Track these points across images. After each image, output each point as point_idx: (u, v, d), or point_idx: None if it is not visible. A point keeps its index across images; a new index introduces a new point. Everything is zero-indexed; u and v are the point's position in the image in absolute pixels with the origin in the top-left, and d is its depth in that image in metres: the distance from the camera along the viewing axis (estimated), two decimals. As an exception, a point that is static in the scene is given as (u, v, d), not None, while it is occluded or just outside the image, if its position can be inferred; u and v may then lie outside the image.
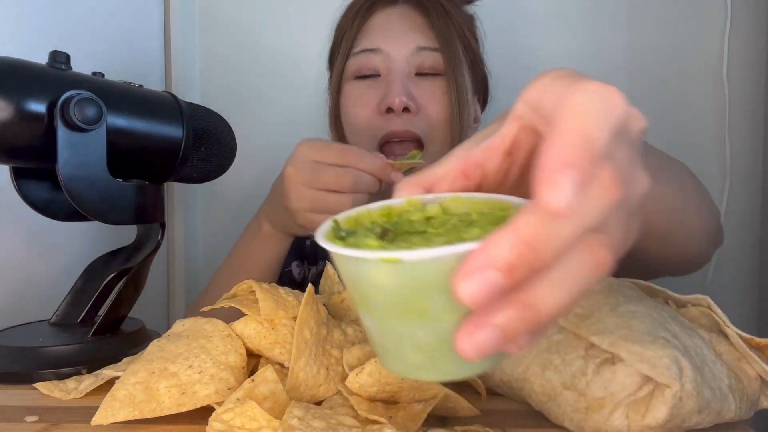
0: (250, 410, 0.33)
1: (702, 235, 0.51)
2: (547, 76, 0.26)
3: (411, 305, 0.24)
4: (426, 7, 0.76)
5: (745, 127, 1.05)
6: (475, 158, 0.29)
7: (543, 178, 0.21)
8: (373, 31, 0.77)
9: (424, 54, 0.74)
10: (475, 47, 0.81)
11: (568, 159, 0.21)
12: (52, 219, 0.56)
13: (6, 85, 0.46)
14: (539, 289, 0.22)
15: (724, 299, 1.05)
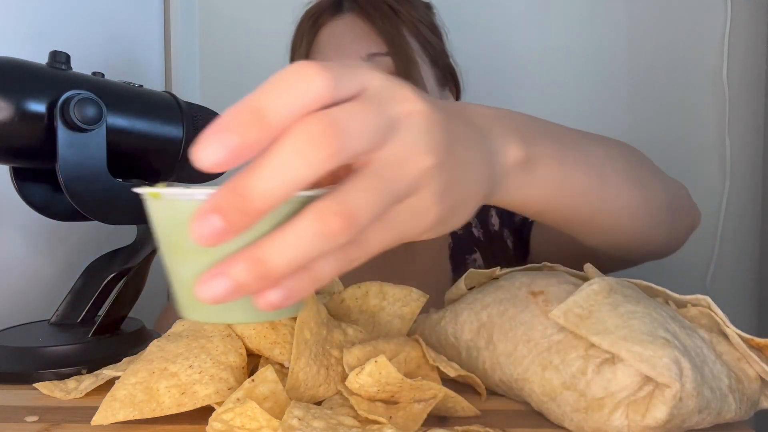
0: (250, 410, 0.33)
1: (643, 217, 0.47)
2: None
3: (173, 241, 0.28)
4: (370, 13, 0.74)
5: (745, 127, 1.05)
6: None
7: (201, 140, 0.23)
8: (321, 47, 0.76)
9: (375, 60, 0.73)
10: (434, 40, 0.79)
11: (221, 124, 0.23)
12: (52, 219, 0.56)
13: (6, 85, 0.46)
14: (267, 247, 0.24)
15: (724, 299, 1.05)
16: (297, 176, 0.23)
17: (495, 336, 0.43)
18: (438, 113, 0.28)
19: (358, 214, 0.25)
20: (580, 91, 1.07)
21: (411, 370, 0.42)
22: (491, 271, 0.49)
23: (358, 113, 0.25)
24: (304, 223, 0.24)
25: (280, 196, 0.24)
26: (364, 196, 0.25)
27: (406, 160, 0.27)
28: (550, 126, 0.41)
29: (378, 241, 0.27)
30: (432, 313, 0.50)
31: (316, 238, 0.24)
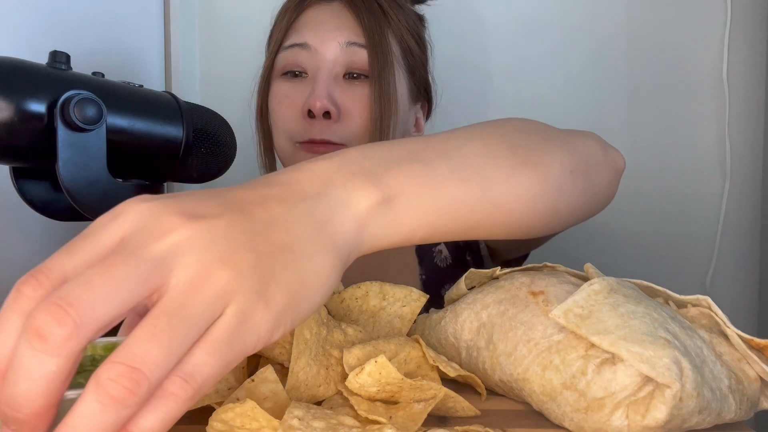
0: (250, 410, 0.33)
1: (544, 196, 0.43)
2: None
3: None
4: (358, 6, 0.74)
5: (745, 127, 1.05)
6: None
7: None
8: (303, 25, 0.75)
9: (352, 50, 0.72)
10: (417, 52, 0.79)
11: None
12: (52, 219, 0.56)
13: (6, 85, 0.46)
14: None
15: (724, 299, 1.05)
16: (44, 374, 0.22)
17: (495, 336, 0.43)
18: (215, 224, 0.27)
19: (145, 365, 0.23)
20: (579, 92, 1.07)
21: (411, 370, 0.42)
22: (491, 271, 0.49)
23: (93, 276, 0.24)
24: (85, 403, 0.22)
25: (41, 401, 0.23)
26: (148, 343, 0.23)
27: (197, 285, 0.25)
28: (409, 145, 0.38)
29: (211, 368, 0.25)
30: (432, 313, 0.50)
31: (104, 410, 0.22)
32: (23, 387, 0.22)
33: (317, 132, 0.72)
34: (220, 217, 0.27)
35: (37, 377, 0.22)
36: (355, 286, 0.49)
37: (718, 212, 1.05)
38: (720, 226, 1.05)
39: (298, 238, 0.29)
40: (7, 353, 0.23)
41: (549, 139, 0.47)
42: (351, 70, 0.74)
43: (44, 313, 0.23)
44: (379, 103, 0.71)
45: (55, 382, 0.23)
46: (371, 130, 0.72)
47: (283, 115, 0.75)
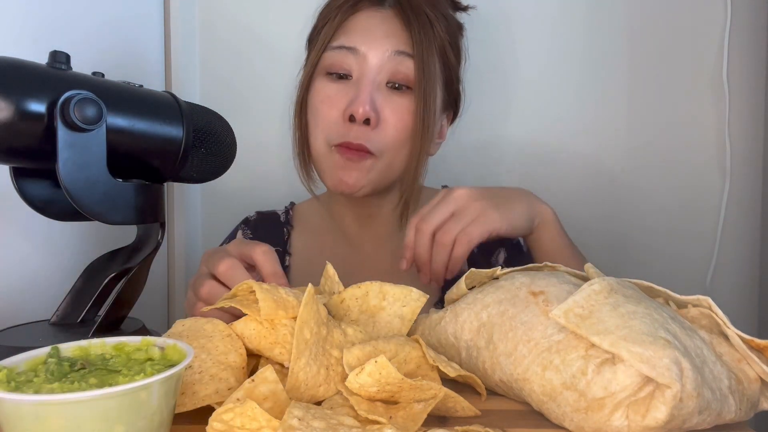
0: (250, 410, 0.33)
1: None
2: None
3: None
4: (409, 18, 0.75)
5: (745, 127, 1.05)
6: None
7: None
8: (353, 29, 0.76)
9: (399, 59, 0.74)
10: (453, 64, 0.81)
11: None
12: (52, 219, 0.56)
13: (6, 85, 0.46)
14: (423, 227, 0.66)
15: (724, 299, 1.05)
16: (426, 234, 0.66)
17: (495, 336, 0.43)
18: (475, 191, 0.67)
19: (450, 231, 0.64)
20: (579, 92, 1.07)
21: (411, 370, 0.42)
22: (492, 271, 0.49)
23: (436, 212, 0.67)
24: (437, 245, 0.65)
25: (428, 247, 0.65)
26: (452, 224, 0.65)
27: (469, 205, 0.65)
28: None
29: (475, 228, 0.64)
30: (432, 313, 0.50)
31: (445, 247, 0.65)
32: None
33: (354, 136, 0.73)
34: (482, 195, 0.67)
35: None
36: (355, 286, 0.49)
37: (718, 212, 1.05)
38: (720, 226, 1.05)
39: (510, 197, 0.69)
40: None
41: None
42: (395, 80, 0.75)
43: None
44: (421, 118, 0.74)
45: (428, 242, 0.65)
46: (407, 141, 0.74)
47: (323, 114, 0.76)
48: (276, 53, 1.08)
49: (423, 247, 0.64)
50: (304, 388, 0.39)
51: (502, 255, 0.85)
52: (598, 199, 1.08)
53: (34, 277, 0.74)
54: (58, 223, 0.57)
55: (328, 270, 0.51)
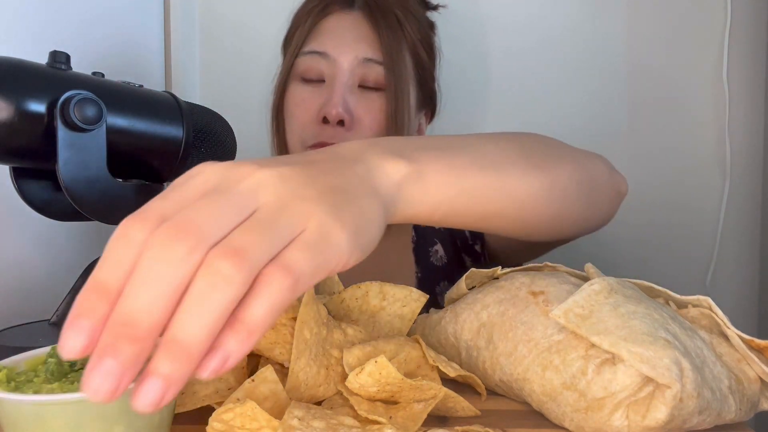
0: (250, 410, 0.33)
1: (551, 200, 0.47)
2: None
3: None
4: (377, 20, 0.76)
5: (745, 127, 1.05)
6: None
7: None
8: (323, 33, 0.77)
9: (368, 66, 0.75)
10: (427, 63, 0.81)
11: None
12: (52, 219, 0.56)
13: (6, 85, 0.46)
14: (174, 329, 0.24)
15: (724, 299, 1.05)
16: (170, 282, 0.24)
17: (495, 336, 0.43)
18: (283, 169, 0.30)
19: (245, 249, 0.25)
20: (579, 92, 1.07)
21: (411, 370, 0.42)
22: (492, 271, 0.49)
23: (203, 206, 0.26)
24: (194, 286, 0.24)
25: (161, 314, 0.24)
26: (246, 235, 0.26)
27: (281, 207, 0.28)
28: (435, 139, 0.43)
29: (304, 263, 0.27)
30: (432, 313, 0.50)
31: (213, 288, 0.24)
32: (145, 297, 0.23)
33: (328, 136, 0.74)
34: (285, 166, 0.30)
35: (161, 285, 0.24)
36: (355, 286, 0.49)
37: (718, 212, 1.05)
38: (720, 226, 1.05)
39: (350, 183, 0.33)
40: (122, 276, 0.24)
41: (560, 152, 0.51)
42: (366, 82, 0.76)
43: (169, 229, 0.25)
44: (393, 118, 0.75)
45: (175, 296, 0.24)
46: None
47: (298, 118, 0.77)
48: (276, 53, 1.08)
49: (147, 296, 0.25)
50: (304, 388, 0.39)
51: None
52: (598, 199, 1.08)
53: (34, 277, 0.74)
54: (58, 223, 0.57)
55: None
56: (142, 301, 0.24)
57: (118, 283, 0.24)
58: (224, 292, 0.24)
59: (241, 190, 0.28)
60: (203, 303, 0.24)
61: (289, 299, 0.26)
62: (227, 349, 0.25)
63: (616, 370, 0.35)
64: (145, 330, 0.24)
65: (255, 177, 0.29)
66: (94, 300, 0.24)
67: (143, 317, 0.23)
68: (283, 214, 0.27)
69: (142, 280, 0.24)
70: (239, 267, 0.24)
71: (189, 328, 0.24)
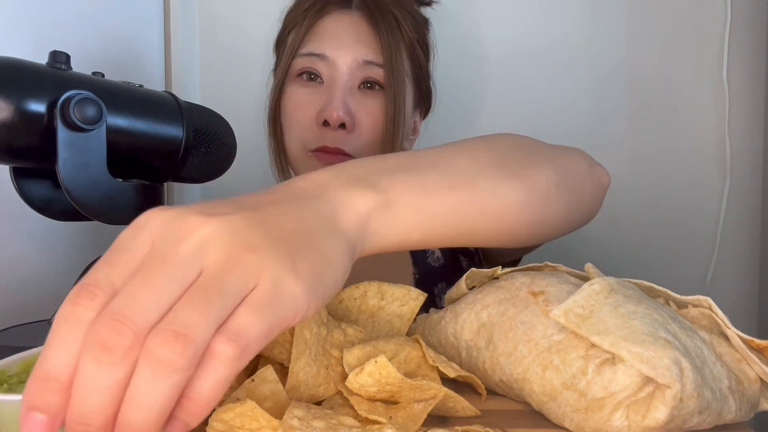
0: (250, 410, 0.33)
1: (530, 206, 0.46)
2: None
3: None
4: (376, 19, 0.75)
5: (745, 127, 1.05)
6: None
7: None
8: (321, 34, 0.76)
9: (368, 68, 0.75)
10: (423, 61, 0.81)
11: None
12: (52, 219, 0.56)
13: (6, 85, 0.46)
14: (120, 425, 0.25)
15: (724, 299, 1.05)
16: (113, 382, 0.24)
17: (495, 336, 0.43)
18: (233, 218, 0.28)
19: (188, 328, 0.24)
20: (579, 92, 1.07)
21: (411, 370, 0.42)
22: (492, 271, 0.49)
23: (140, 286, 0.26)
24: (138, 375, 0.24)
25: (111, 411, 0.24)
26: (188, 311, 0.25)
27: (227, 266, 0.27)
28: (404, 158, 0.41)
29: (254, 327, 0.26)
30: (432, 313, 0.50)
31: (156, 377, 0.24)
32: (94, 400, 0.24)
33: (330, 140, 0.73)
34: (235, 214, 0.29)
35: (106, 387, 0.24)
36: (353, 287, 0.49)
37: (718, 212, 1.05)
38: (720, 226, 1.05)
39: (309, 226, 0.31)
40: (70, 364, 0.25)
41: (536, 154, 0.49)
42: (365, 84, 0.76)
43: (105, 328, 0.24)
44: (393, 120, 0.74)
45: (121, 390, 0.24)
46: (381, 141, 0.75)
47: (297, 120, 0.76)
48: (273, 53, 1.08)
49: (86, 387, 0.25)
50: (304, 388, 0.39)
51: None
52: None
53: (34, 277, 0.74)
54: (58, 223, 0.57)
55: None
56: (91, 404, 0.24)
57: (67, 373, 0.25)
58: (168, 380, 0.24)
59: (183, 253, 0.27)
60: (148, 394, 0.24)
61: (237, 368, 0.26)
62: (182, 421, 0.26)
63: (616, 370, 0.35)
64: (100, 424, 0.24)
65: (200, 233, 0.27)
66: (46, 392, 0.25)
67: (96, 416, 0.24)
68: (231, 273, 0.26)
69: (87, 386, 0.24)
70: (182, 351, 0.24)
71: (136, 418, 0.24)
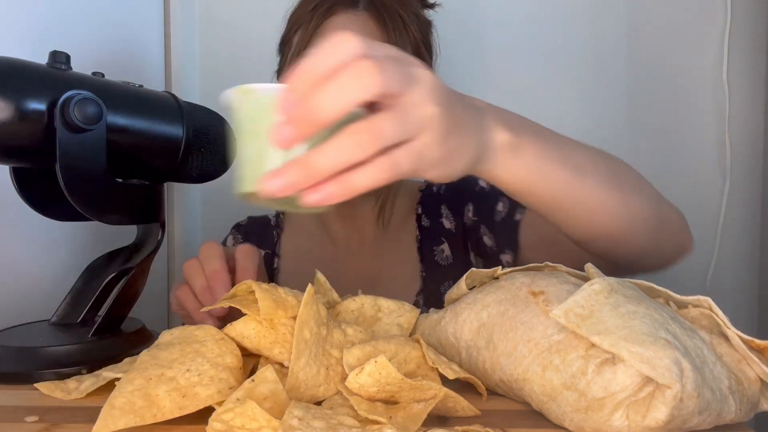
0: (250, 410, 0.33)
1: (620, 218, 0.51)
2: None
3: (250, 128, 0.38)
4: (384, 20, 0.75)
5: (745, 127, 1.05)
6: None
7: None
8: (329, 34, 0.76)
9: None
10: (427, 62, 0.81)
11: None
12: (52, 219, 0.56)
13: (6, 85, 0.46)
14: (315, 155, 0.33)
15: (724, 299, 1.05)
16: (352, 97, 0.32)
17: (495, 336, 0.43)
18: (440, 80, 0.37)
19: (382, 133, 0.33)
20: (579, 92, 1.07)
21: (411, 370, 0.42)
22: (492, 271, 0.49)
23: (391, 65, 0.34)
24: (344, 137, 0.33)
25: (340, 111, 0.32)
26: (388, 122, 0.34)
27: (419, 105, 0.35)
28: (540, 127, 0.48)
29: (403, 160, 0.35)
30: (432, 313, 0.50)
31: (352, 148, 0.33)
32: (333, 100, 0.32)
33: None
34: (441, 81, 0.38)
35: (346, 99, 0.32)
36: (349, 300, 0.50)
37: (718, 212, 1.05)
38: (720, 226, 1.05)
39: (467, 124, 0.40)
40: (324, 70, 0.33)
41: (642, 184, 0.56)
42: None
43: (371, 63, 0.33)
44: None
45: (349, 109, 0.33)
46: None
47: None
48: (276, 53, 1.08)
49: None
50: (304, 388, 0.39)
51: (470, 209, 0.83)
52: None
53: (34, 277, 0.74)
54: (58, 223, 0.57)
55: (319, 278, 0.51)
56: (328, 101, 0.32)
57: (321, 72, 0.33)
58: (358, 153, 0.33)
59: (413, 71, 0.36)
60: (341, 152, 0.33)
61: (384, 179, 0.35)
62: (327, 190, 0.34)
63: (616, 370, 0.35)
64: (320, 122, 0.33)
65: (422, 71, 0.36)
66: (300, 84, 0.33)
67: (323, 112, 0.32)
68: (419, 113, 0.35)
69: (337, 85, 0.32)
70: (374, 144, 0.33)
71: (323, 162, 0.33)
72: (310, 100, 0.32)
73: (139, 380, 0.38)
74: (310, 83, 0.33)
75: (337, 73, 0.32)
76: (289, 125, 0.33)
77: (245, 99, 0.38)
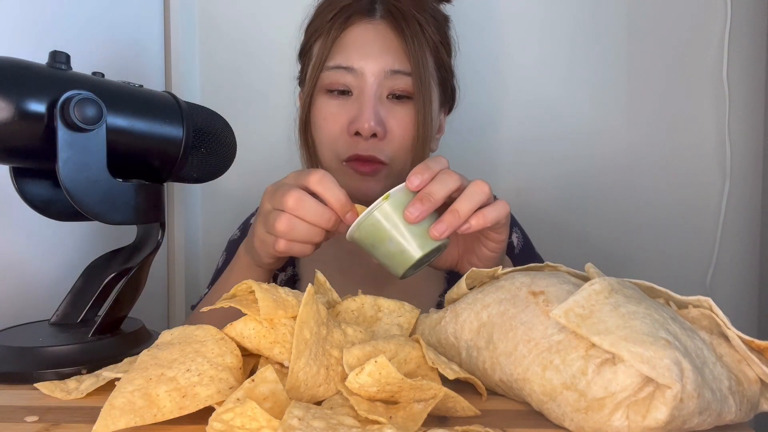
0: (250, 410, 0.33)
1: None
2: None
3: (393, 223, 0.55)
4: (401, 27, 0.75)
5: (745, 127, 1.05)
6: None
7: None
8: (348, 46, 0.76)
9: (396, 77, 0.75)
10: (447, 61, 0.81)
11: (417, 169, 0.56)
12: (52, 219, 0.56)
13: (6, 85, 0.46)
14: (460, 205, 0.55)
15: (724, 299, 1.05)
16: (448, 188, 0.55)
17: (495, 336, 0.43)
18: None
19: (486, 190, 0.56)
20: (580, 92, 1.07)
21: (411, 370, 0.42)
22: (492, 271, 0.49)
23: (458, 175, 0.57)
24: (474, 195, 0.56)
25: (444, 197, 0.55)
26: (436, 185, 0.55)
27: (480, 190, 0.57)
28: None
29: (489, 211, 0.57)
30: (432, 312, 0.50)
31: (479, 195, 0.56)
32: (441, 193, 0.55)
33: (363, 149, 0.74)
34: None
35: (446, 191, 0.55)
36: (350, 299, 0.50)
37: (718, 212, 1.05)
38: (720, 226, 1.05)
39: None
40: (428, 177, 0.56)
41: None
42: (393, 93, 0.76)
43: (454, 176, 0.56)
44: (423, 126, 0.75)
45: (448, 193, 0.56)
46: (412, 147, 0.76)
47: (328, 132, 0.77)
48: (276, 53, 1.08)
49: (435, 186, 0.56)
50: (304, 388, 0.39)
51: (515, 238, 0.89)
52: (599, 199, 1.08)
53: (34, 277, 0.74)
54: (58, 223, 0.57)
55: (319, 278, 0.51)
56: (439, 194, 0.55)
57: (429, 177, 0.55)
58: (420, 207, 0.54)
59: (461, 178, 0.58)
60: (469, 202, 0.56)
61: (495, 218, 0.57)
62: (444, 220, 0.54)
63: (617, 370, 0.35)
64: (436, 203, 0.54)
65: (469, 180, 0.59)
66: (423, 179, 0.55)
67: (437, 199, 0.54)
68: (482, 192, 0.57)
69: (442, 185, 0.55)
70: (425, 208, 0.54)
71: (463, 208, 0.55)
72: (428, 192, 0.54)
73: (139, 380, 0.38)
74: (425, 180, 0.55)
75: (439, 175, 0.55)
76: (418, 205, 0.53)
77: (389, 203, 0.54)
